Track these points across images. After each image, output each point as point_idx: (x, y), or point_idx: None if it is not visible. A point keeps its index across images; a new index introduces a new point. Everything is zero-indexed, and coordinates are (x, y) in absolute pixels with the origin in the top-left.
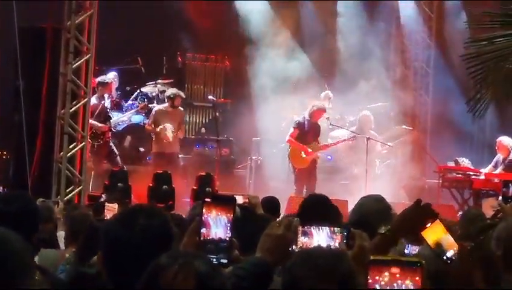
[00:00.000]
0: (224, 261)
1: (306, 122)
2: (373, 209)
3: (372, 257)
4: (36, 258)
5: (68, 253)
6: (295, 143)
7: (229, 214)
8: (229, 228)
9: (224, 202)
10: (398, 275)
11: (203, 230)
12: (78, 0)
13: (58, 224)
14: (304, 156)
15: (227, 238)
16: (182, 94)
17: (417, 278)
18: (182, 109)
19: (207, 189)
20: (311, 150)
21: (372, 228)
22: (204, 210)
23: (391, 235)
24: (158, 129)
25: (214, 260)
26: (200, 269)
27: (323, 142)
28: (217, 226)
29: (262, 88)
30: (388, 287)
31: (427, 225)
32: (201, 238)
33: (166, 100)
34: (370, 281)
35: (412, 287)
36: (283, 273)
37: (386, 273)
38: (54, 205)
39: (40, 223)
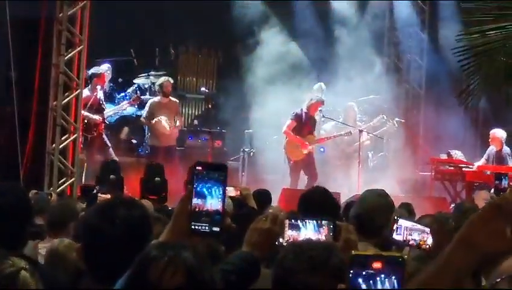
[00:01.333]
0: (217, 229)
1: (303, 115)
2: (376, 204)
3: (353, 252)
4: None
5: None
6: (292, 135)
7: (221, 184)
8: (221, 198)
9: (216, 170)
10: (380, 270)
11: (197, 201)
12: None
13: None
14: (301, 149)
15: (220, 209)
16: (170, 79)
17: (399, 273)
18: (176, 99)
19: None
20: (307, 143)
21: (374, 222)
22: (196, 180)
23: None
24: (153, 122)
25: (207, 228)
26: (189, 262)
27: (316, 134)
28: (211, 197)
29: (255, 80)
30: (371, 282)
31: None
32: (196, 210)
33: (158, 91)
34: (351, 276)
35: (394, 282)
36: (273, 267)
37: (368, 269)
38: (47, 196)
39: (32, 216)
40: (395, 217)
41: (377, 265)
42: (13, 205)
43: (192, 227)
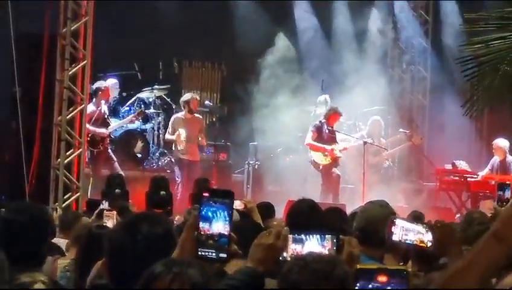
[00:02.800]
0: (224, 255)
1: (323, 126)
2: (378, 216)
3: (358, 266)
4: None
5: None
6: (315, 145)
7: (227, 208)
8: (228, 222)
9: (223, 196)
10: (385, 283)
11: (203, 225)
12: (74, 6)
13: (56, 230)
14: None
15: (227, 233)
16: (197, 96)
17: (404, 286)
18: (200, 116)
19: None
20: (330, 148)
21: (379, 234)
22: (202, 205)
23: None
24: (174, 136)
25: (214, 255)
26: (195, 278)
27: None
28: (217, 221)
29: (259, 93)
30: None
31: None
32: (201, 233)
33: (182, 107)
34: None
35: None
36: (278, 281)
37: (374, 282)
38: (52, 211)
39: (49, 234)
40: (393, 219)
41: (382, 278)
42: (32, 222)
43: (199, 253)
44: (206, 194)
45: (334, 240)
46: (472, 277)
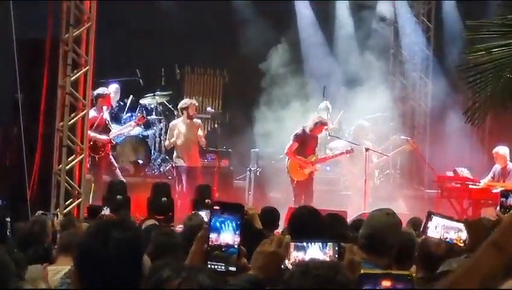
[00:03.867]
0: (233, 269)
1: (305, 135)
2: (384, 223)
3: (362, 271)
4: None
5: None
6: (294, 157)
7: (237, 221)
8: (237, 234)
9: (232, 210)
10: (389, 288)
11: (212, 236)
12: (76, 12)
13: (57, 237)
14: (303, 169)
15: (236, 245)
16: (195, 102)
17: None
18: (198, 120)
19: (206, 200)
20: (309, 162)
21: (386, 242)
22: (212, 217)
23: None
24: (171, 141)
25: (223, 267)
26: (204, 283)
27: (321, 153)
28: (225, 231)
29: (261, 99)
30: None
31: None
32: (210, 244)
33: (181, 112)
34: None
35: None
36: (280, 287)
37: (378, 287)
38: (54, 217)
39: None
40: (430, 214)
41: (386, 283)
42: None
43: (209, 266)
44: (216, 207)
45: (336, 248)
46: (471, 285)
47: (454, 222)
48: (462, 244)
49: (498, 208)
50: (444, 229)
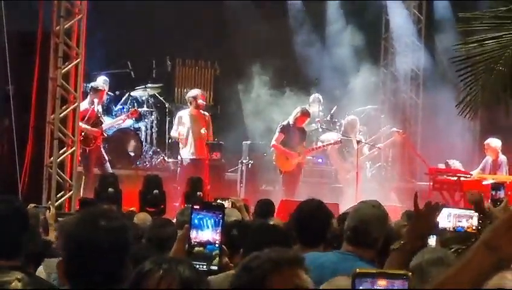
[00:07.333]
0: (215, 268)
1: (291, 127)
2: (370, 216)
3: (358, 270)
4: (42, 267)
5: None
6: (280, 148)
7: (217, 220)
8: (217, 233)
9: (213, 209)
10: (385, 287)
11: (192, 234)
12: (67, 4)
13: (50, 230)
14: (290, 160)
15: (216, 243)
16: (204, 93)
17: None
18: (206, 112)
19: (198, 193)
20: (296, 153)
21: (371, 234)
22: (192, 216)
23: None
24: (177, 134)
25: (204, 267)
26: (184, 274)
27: (312, 145)
28: (205, 229)
29: (252, 91)
30: None
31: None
32: (189, 243)
33: (189, 102)
34: None
35: None
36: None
37: (374, 286)
38: (45, 210)
39: (28, 227)
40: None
41: (382, 282)
42: (7, 215)
43: None
44: (196, 207)
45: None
46: (463, 285)
47: (465, 210)
48: (474, 231)
49: (489, 200)
50: (455, 217)
